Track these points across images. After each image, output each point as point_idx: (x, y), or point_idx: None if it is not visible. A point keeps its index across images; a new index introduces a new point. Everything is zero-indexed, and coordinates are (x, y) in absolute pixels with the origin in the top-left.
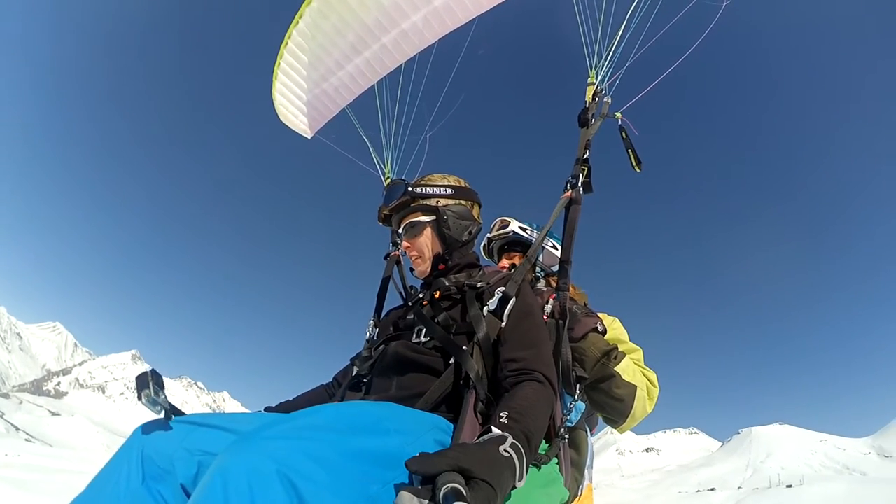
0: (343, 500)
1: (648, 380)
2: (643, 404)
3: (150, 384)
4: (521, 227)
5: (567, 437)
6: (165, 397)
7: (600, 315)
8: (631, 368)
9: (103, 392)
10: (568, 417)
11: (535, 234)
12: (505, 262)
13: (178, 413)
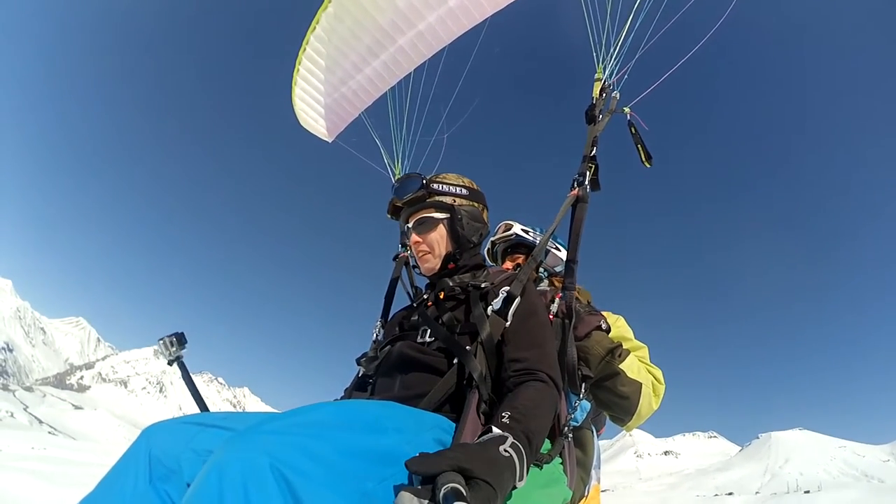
0: (337, 495)
1: (654, 377)
2: (649, 401)
3: (174, 337)
4: (523, 230)
5: (571, 436)
6: (176, 351)
7: (604, 313)
8: (636, 366)
9: (125, 386)
10: (573, 416)
11: (538, 237)
12: (509, 265)
13: (188, 375)
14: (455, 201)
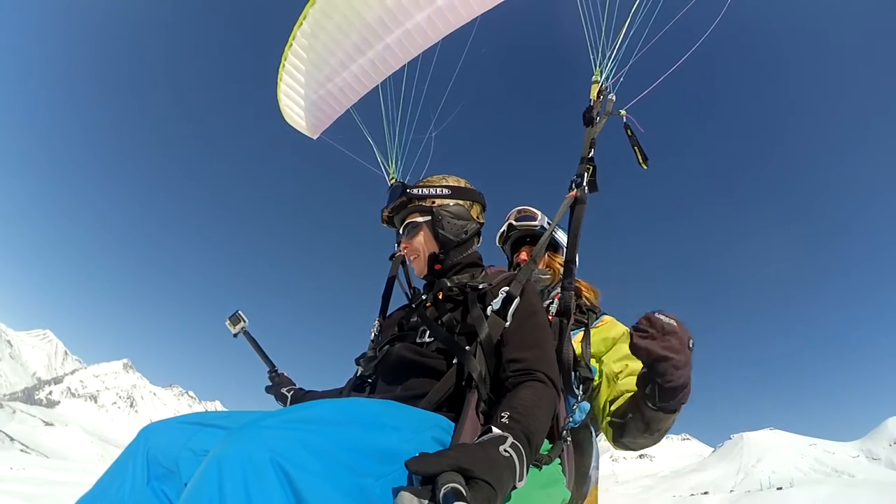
0: (336, 490)
1: None
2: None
3: (234, 316)
4: (523, 218)
5: (570, 437)
6: (240, 326)
7: (608, 318)
8: None
9: (95, 401)
10: (572, 418)
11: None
12: (524, 256)
13: (254, 342)
14: (435, 203)
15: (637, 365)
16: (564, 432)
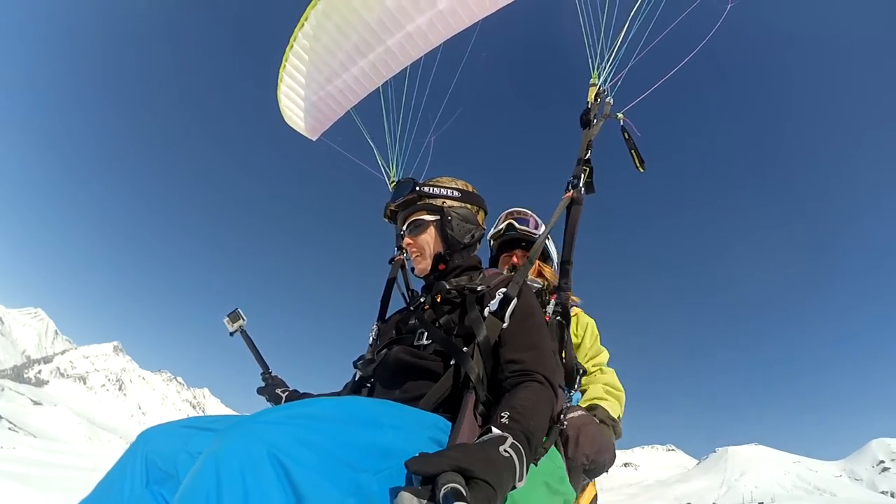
0: (333, 484)
1: (615, 396)
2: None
3: (233, 314)
4: (518, 221)
5: (566, 422)
6: (238, 324)
7: (577, 310)
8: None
9: (84, 383)
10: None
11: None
12: (517, 260)
13: (251, 342)
14: (445, 203)
15: (604, 358)
16: (561, 416)
